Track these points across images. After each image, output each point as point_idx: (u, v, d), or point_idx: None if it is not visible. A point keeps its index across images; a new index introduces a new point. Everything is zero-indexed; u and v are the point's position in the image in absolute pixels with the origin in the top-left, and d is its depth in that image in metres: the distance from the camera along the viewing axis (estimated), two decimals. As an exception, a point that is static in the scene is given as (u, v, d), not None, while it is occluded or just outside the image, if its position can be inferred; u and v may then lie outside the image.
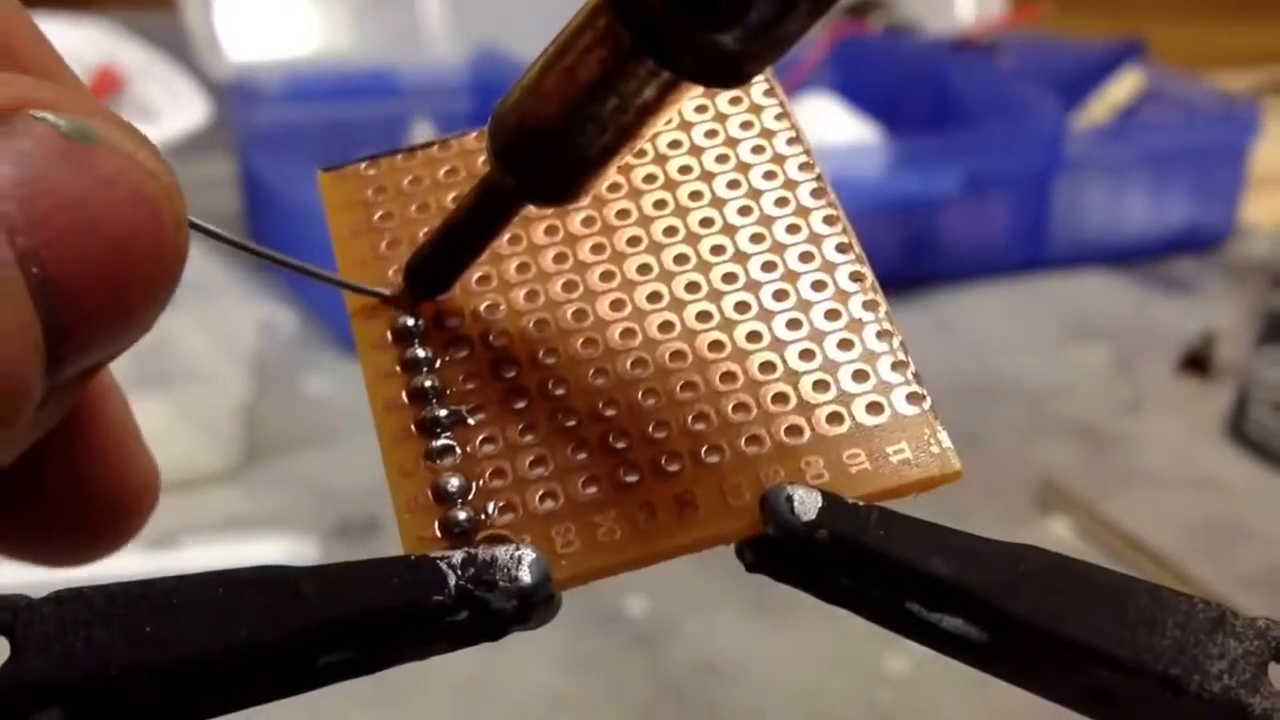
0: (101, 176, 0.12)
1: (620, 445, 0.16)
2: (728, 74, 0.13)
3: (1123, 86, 0.84)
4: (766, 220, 0.18)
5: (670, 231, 0.18)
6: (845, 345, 0.17)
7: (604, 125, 0.14)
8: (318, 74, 0.80)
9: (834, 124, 0.78)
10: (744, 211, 0.18)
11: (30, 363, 0.11)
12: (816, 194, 0.18)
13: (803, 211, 0.18)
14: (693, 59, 0.13)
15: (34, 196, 0.11)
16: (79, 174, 0.12)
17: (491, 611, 0.14)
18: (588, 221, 0.18)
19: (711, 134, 0.19)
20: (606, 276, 0.17)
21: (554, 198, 0.16)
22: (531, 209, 0.17)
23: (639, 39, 0.13)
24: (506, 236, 0.18)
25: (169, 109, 0.69)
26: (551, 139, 0.15)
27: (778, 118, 0.19)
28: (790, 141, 0.19)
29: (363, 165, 0.19)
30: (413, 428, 0.16)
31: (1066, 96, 0.81)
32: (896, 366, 0.16)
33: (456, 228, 0.17)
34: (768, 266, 0.17)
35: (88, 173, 0.12)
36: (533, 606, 0.15)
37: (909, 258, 0.75)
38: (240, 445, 0.57)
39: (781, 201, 0.18)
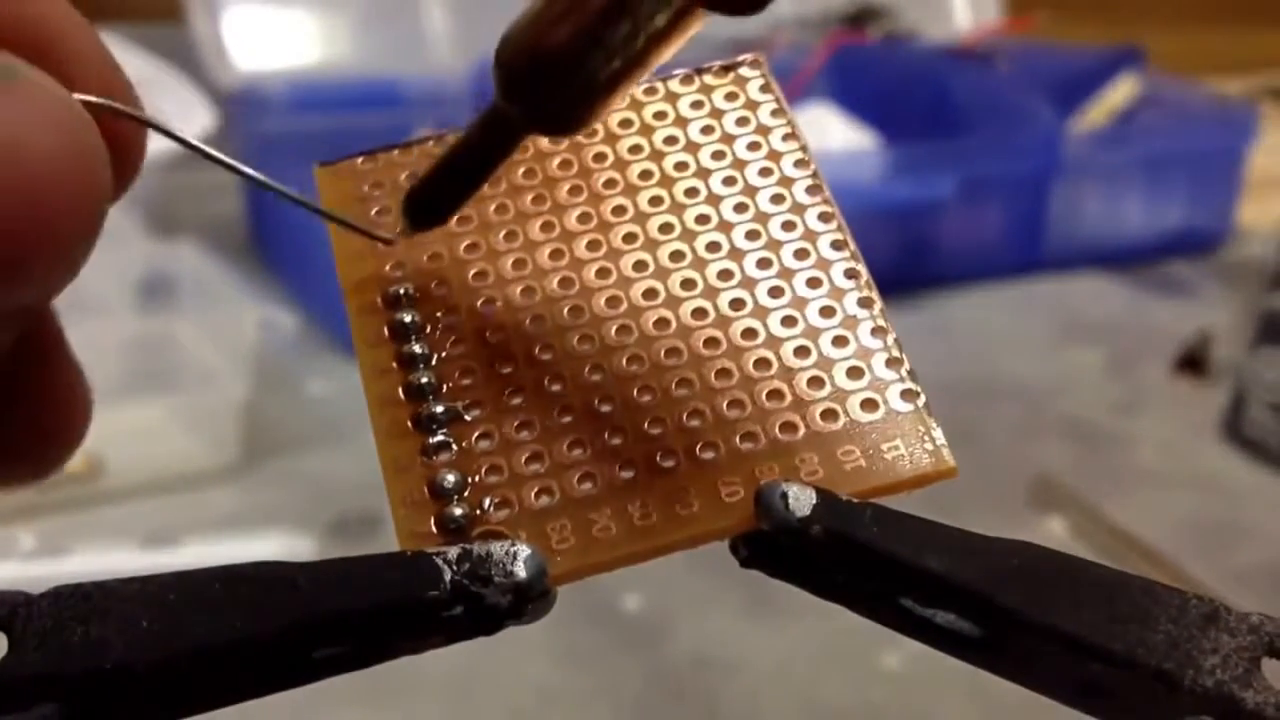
0: (24, 109, 0.12)
1: (616, 441, 0.16)
2: None
3: (1119, 92, 0.84)
4: (762, 217, 0.18)
5: (666, 228, 0.18)
6: (840, 342, 0.17)
7: (614, 52, 0.14)
8: (322, 84, 0.81)
9: (832, 131, 0.78)
10: (740, 208, 0.18)
11: None
12: (812, 191, 0.18)
13: (798, 208, 0.18)
14: None
15: None
16: (2, 106, 0.12)
17: (486, 606, 0.14)
18: (584, 218, 0.18)
19: (708, 130, 0.19)
20: (602, 273, 0.17)
21: (558, 126, 0.16)
22: (528, 206, 0.17)
23: None
24: (504, 233, 0.18)
25: (176, 118, 0.69)
26: (559, 65, 0.14)
27: (774, 114, 0.19)
28: (786, 138, 0.19)
29: (359, 160, 0.19)
30: (409, 423, 0.16)
31: (1063, 103, 0.81)
32: (891, 363, 0.17)
33: (458, 157, 0.17)
34: (763, 263, 0.17)
35: (10, 105, 0.12)
36: (528, 602, 0.15)
37: (906, 262, 0.75)
38: (240, 444, 0.57)
39: (777, 198, 0.18)
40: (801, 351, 0.17)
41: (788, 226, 0.18)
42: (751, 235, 0.18)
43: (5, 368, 0.15)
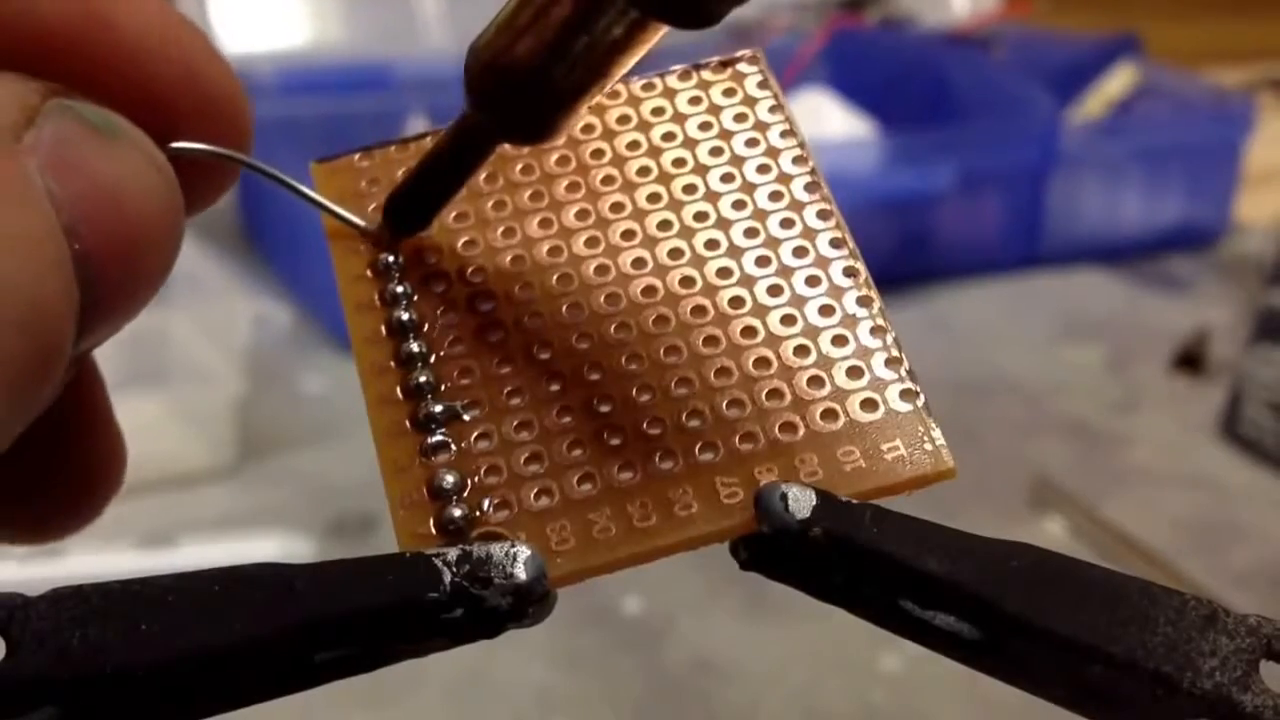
0: (125, 164, 0.13)
1: (615, 442, 0.16)
2: (694, 13, 0.14)
3: (1117, 81, 0.84)
4: (760, 214, 0.18)
5: (664, 225, 0.18)
6: (840, 341, 0.17)
7: (574, 63, 0.15)
8: (312, 67, 0.80)
9: (829, 118, 0.78)
10: (738, 205, 0.18)
11: (68, 332, 0.12)
12: (810, 188, 0.18)
13: (797, 205, 0.18)
14: None
15: (73, 178, 0.12)
16: (109, 161, 0.13)
17: (487, 609, 0.14)
18: (582, 215, 0.18)
19: (706, 126, 0.19)
20: (600, 270, 0.17)
21: (527, 135, 0.16)
22: (526, 202, 0.17)
23: None
24: (501, 229, 0.18)
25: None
26: (523, 76, 0.15)
27: (772, 110, 0.19)
28: (784, 134, 0.19)
29: (356, 157, 0.19)
30: (407, 424, 0.16)
31: (1061, 91, 0.81)
32: (890, 363, 0.17)
33: (433, 165, 0.17)
34: (761, 261, 0.17)
35: (115, 160, 0.13)
36: (528, 604, 0.15)
37: (904, 255, 0.75)
38: (235, 443, 0.57)
39: (776, 195, 0.18)
40: (801, 350, 0.17)
41: (786, 224, 0.18)
42: (750, 233, 0.18)
43: (57, 417, 0.15)
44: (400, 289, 0.17)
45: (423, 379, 0.16)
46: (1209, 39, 1.09)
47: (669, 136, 0.19)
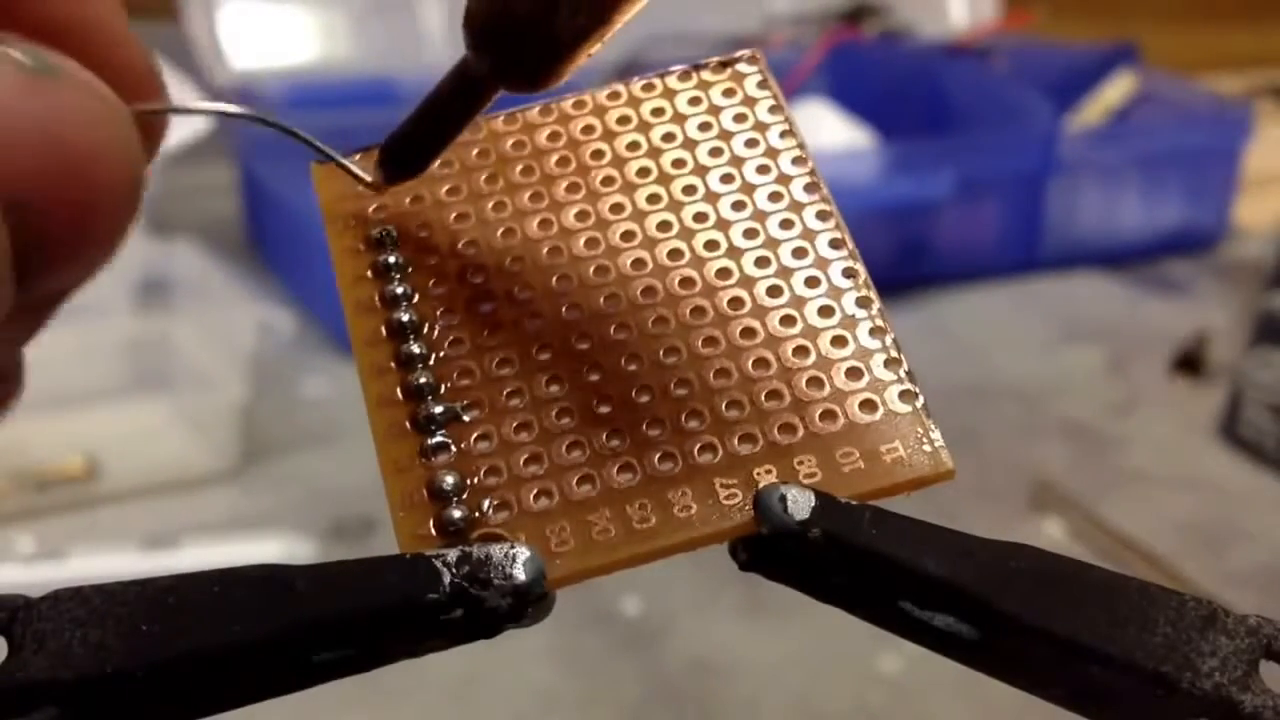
0: (65, 105, 0.13)
1: (614, 444, 0.16)
2: None
3: (1116, 90, 0.84)
4: (760, 215, 0.18)
5: (664, 226, 0.18)
6: (839, 342, 0.17)
7: (578, 8, 0.15)
8: (318, 82, 0.81)
9: (829, 129, 0.78)
10: (738, 206, 0.18)
11: (2, 274, 0.12)
12: (810, 188, 0.18)
13: (796, 206, 0.18)
14: None
15: (1, 124, 0.12)
16: (44, 103, 0.13)
17: (486, 609, 0.14)
18: (581, 215, 0.18)
19: (705, 126, 0.19)
20: (600, 270, 0.17)
21: (526, 82, 0.16)
22: (525, 202, 0.17)
23: None
24: (501, 230, 0.18)
25: (171, 117, 0.69)
26: (525, 20, 0.15)
27: (771, 110, 0.19)
28: (784, 135, 0.19)
29: (356, 157, 0.19)
30: (407, 425, 0.16)
31: (1060, 100, 0.81)
32: (890, 364, 0.17)
33: (431, 111, 0.17)
34: (761, 262, 0.17)
35: (52, 101, 0.13)
36: (527, 604, 0.15)
37: (904, 261, 0.75)
38: (238, 446, 0.57)
39: (775, 196, 0.18)
40: (800, 351, 0.17)
41: (786, 224, 0.18)
42: (750, 234, 0.18)
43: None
44: (400, 290, 0.17)
45: (423, 380, 0.16)
46: (1207, 47, 1.10)
47: (669, 137, 0.19)
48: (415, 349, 0.17)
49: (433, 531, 0.15)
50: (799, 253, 0.17)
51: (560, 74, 0.16)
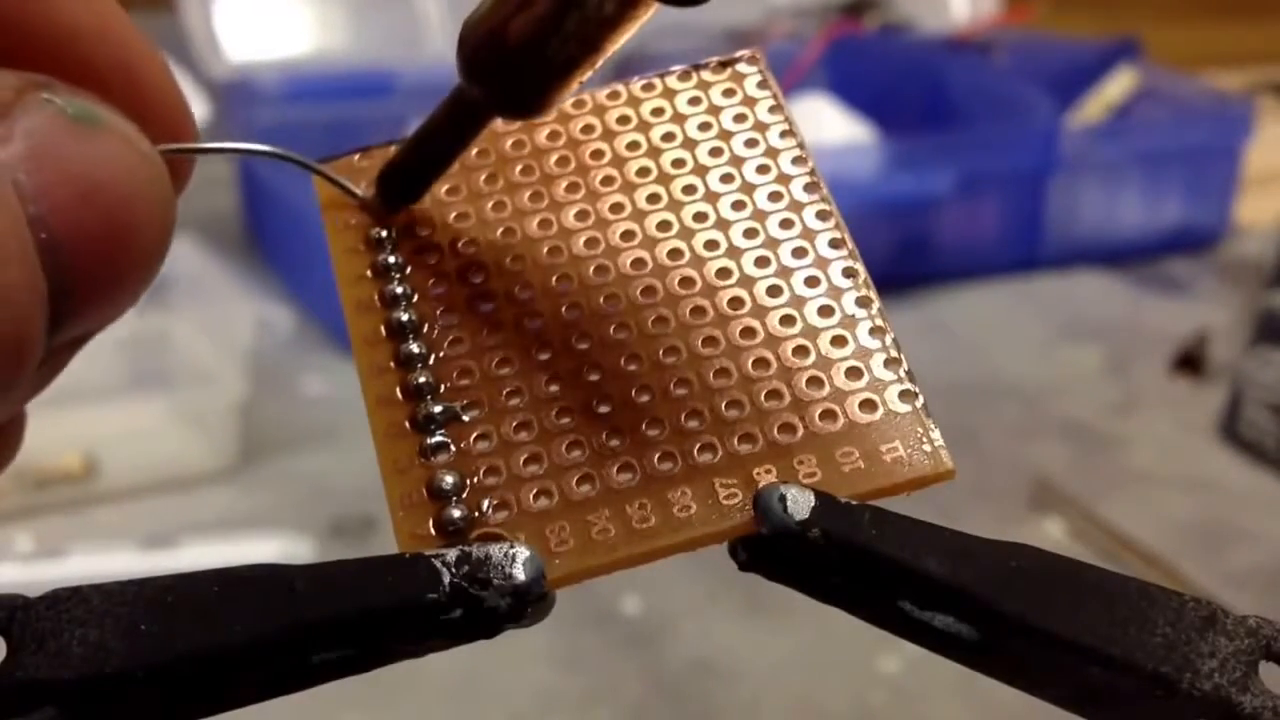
0: (103, 154, 0.13)
1: (614, 443, 0.16)
2: None
3: (1117, 85, 0.84)
4: (760, 214, 0.18)
5: (664, 225, 0.18)
6: (839, 341, 0.17)
7: (568, 37, 0.15)
8: (316, 74, 0.81)
9: (829, 123, 0.78)
10: (737, 206, 0.18)
11: (36, 321, 0.12)
12: (810, 188, 0.18)
13: (796, 206, 0.18)
14: None
15: (43, 169, 0.13)
16: (84, 151, 0.13)
17: (486, 609, 0.14)
18: (581, 215, 0.18)
19: (705, 126, 0.19)
20: (600, 270, 0.17)
21: (520, 109, 0.16)
22: (525, 202, 0.17)
23: None
24: (500, 230, 0.18)
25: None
26: (517, 50, 0.15)
27: (771, 110, 0.19)
28: (784, 135, 0.19)
29: (356, 157, 0.19)
30: (407, 424, 0.16)
31: (1061, 95, 0.81)
32: (890, 364, 0.16)
33: (427, 139, 0.17)
34: (761, 262, 0.17)
35: (91, 150, 0.13)
36: (527, 604, 0.15)
37: (903, 258, 0.75)
38: (237, 445, 0.57)
39: (775, 196, 0.18)
40: (800, 351, 0.17)
41: (786, 224, 0.18)
42: (749, 233, 0.18)
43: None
44: (399, 289, 0.17)
45: (422, 380, 0.16)
46: (1208, 43, 1.10)
47: (668, 137, 0.19)
48: (415, 348, 0.17)
49: (432, 531, 0.15)
50: (799, 252, 0.17)
51: (553, 102, 0.16)
